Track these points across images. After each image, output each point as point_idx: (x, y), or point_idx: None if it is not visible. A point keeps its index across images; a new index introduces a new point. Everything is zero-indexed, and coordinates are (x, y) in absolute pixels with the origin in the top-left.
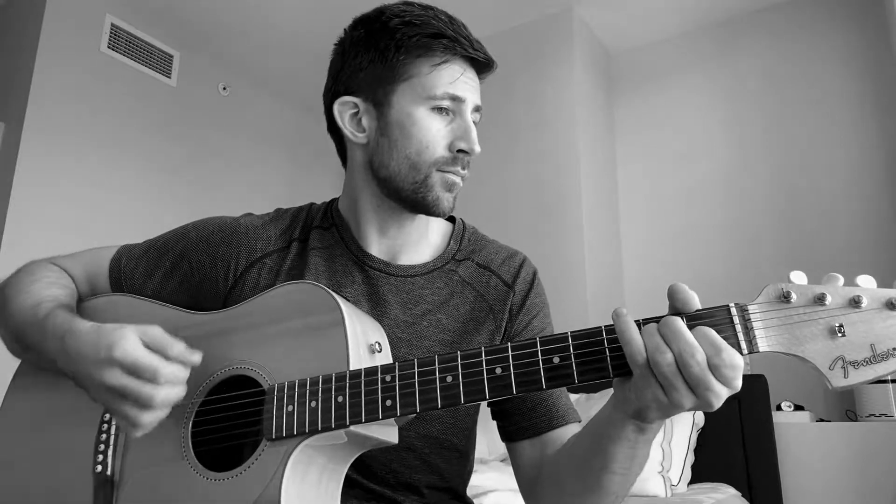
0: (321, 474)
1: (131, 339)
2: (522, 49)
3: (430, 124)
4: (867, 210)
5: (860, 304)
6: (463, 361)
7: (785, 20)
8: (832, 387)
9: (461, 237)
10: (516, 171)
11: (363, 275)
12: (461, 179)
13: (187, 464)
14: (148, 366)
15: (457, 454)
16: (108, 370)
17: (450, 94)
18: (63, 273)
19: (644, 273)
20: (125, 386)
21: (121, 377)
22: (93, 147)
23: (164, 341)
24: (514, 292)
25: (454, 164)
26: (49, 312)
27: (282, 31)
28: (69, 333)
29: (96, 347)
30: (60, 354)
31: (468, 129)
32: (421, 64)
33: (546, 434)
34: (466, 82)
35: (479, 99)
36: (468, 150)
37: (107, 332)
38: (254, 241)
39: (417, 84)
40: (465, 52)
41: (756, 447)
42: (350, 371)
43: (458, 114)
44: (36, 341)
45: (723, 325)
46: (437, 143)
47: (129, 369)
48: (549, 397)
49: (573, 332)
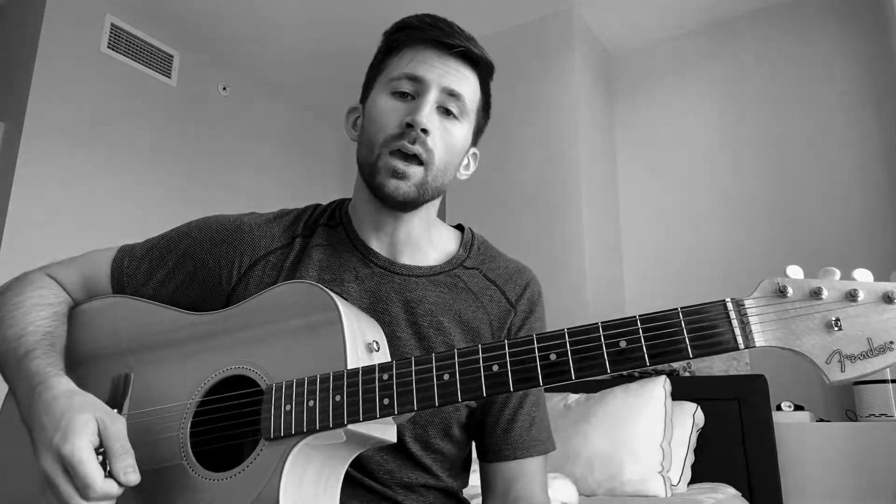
0: (320, 473)
1: (85, 439)
2: (522, 49)
3: (386, 105)
4: (865, 208)
5: (857, 298)
6: (460, 359)
7: (785, 20)
8: (829, 381)
9: (470, 245)
10: (516, 170)
11: (368, 270)
12: (419, 165)
13: (186, 464)
14: (83, 477)
15: (453, 455)
16: (50, 459)
17: (406, 73)
18: (52, 286)
19: (644, 272)
20: (54, 482)
21: (56, 471)
22: (93, 147)
23: (116, 450)
24: (516, 312)
25: (400, 138)
26: (29, 351)
27: (282, 32)
28: (42, 389)
29: (54, 427)
30: (25, 405)
31: (420, 104)
32: (391, 57)
33: (511, 462)
34: (429, 63)
35: (455, 84)
36: (411, 123)
37: (71, 413)
38: (257, 239)
39: (385, 74)
40: (423, 35)
41: (756, 447)
42: (348, 370)
43: (419, 94)
44: (11, 378)
45: (719, 320)
46: (389, 122)
47: (68, 469)
48: (519, 426)
49: (570, 329)
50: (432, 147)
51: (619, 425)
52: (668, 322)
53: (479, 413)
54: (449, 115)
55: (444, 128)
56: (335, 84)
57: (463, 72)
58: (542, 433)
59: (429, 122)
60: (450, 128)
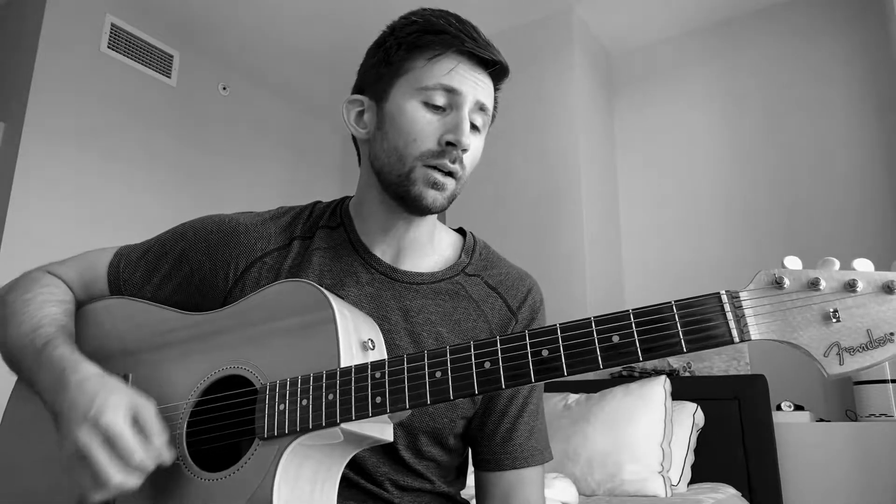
0: (316, 473)
1: (121, 412)
2: (522, 49)
3: (419, 116)
4: (868, 206)
5: (856, 288)
6: (452, 356)
7: (785, 20)
8: (827, 374)
9: (472, 251)
10: (516, 170)
11: (369, 276)
12: (453, 179)
13: (182, 464)
14: (125, 447)
15: (449, 458)
16: (87, 430)
17: (443, 84)
18: (59, 284)
19: (644, 271)
20: (93, 456)
21: (94, 444)
22: (93, 147)
23: (152, 427)
24: (517, 321)
25: (440, 156)
26: (48, 341)
27: (282, 31)
28: (69, 371)
29: (88, 400)
30: (51, 390)
31: (460, 122)
32: (417, 58)
33: (509, 472)
34: (464, 75)
35: (485, 97)
36: (454, 143)
37: (105, 388)
38: (253, 240)
39: (412, 77)
40: (462, 47)
41: (756, 447)
42: (341, 368)
43: (455, 107)
44: (29, 369)
45: (713, 313)
46: (426, 136)
47: (108, 440)
48: (518, 435)
49: (562, 324)
50: (467, 163)
51: (619, 425)
52: (662, 316)
53: (476, 422)
54: (474, 128)
55: (471, 142)
56: (335, 84)
57: (489, 84)
58: (540, 443)
59: (470, 140)
60: (475, 142)
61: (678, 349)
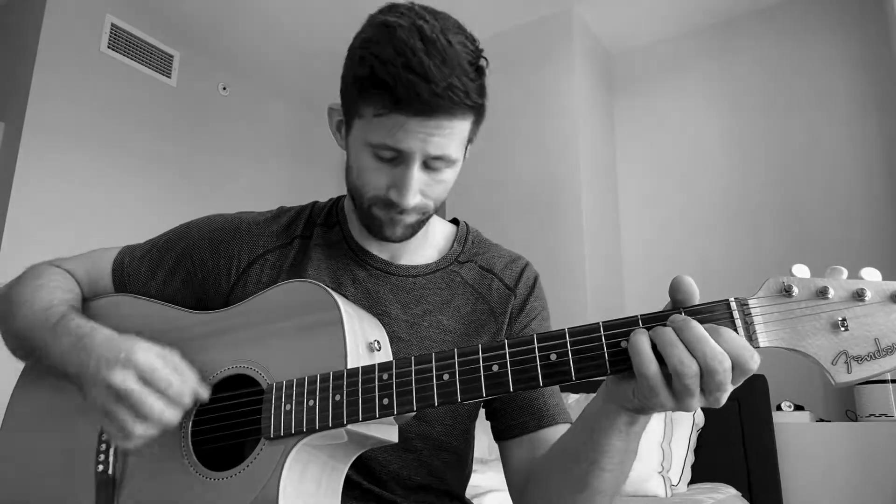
0: (321, 473)
1: (153, 350)
2: (522, 49)
3: (369, 164)
4: (869, 206)
5: (864, 298)
6: (460, 359)
7: (785, 20)
8: (835, 383)
9: (464, 240)
10: (517, 170)
11: (365, 273)
12: (415, 213)
13: (187, 463)
14: (163, 377)
15: (455, 455)
16: (120, 371)
17: (387, 145)
18: (67, 276)
19: (644, 271)
20: (131, 391)
21: (130, 380)
22: (93, 147)
23: (183, 366)
24: (516, 295)
25: (389, 208)
26: (63, 316)
27: (282, 31)
28: (89, 335)
29: (116, 348)
30: (72, 353)
31: (402, 181)
32: (365, 107)
33: (535, 433)
34: (410, 132)
35: (437, 149)
36: (396, 203)
37: (131, 338)
38: (256, 237)
39: (363, 125)
40: (402, 107)
41: (756, 447)
42: (348, 369)
43: (402, 163)
44: (43, 345)
45: (722, 319)
46: (375, 184)
47: (144, 375)
48: (539, 396)
49: (570, 329)
50: (424, 203)
51: None
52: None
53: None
54: (433, 170)
55: (433, 180)
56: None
57: (448, 126)
58: (561, 403)
59: (414, 199)
60: (439, 178)
61: None
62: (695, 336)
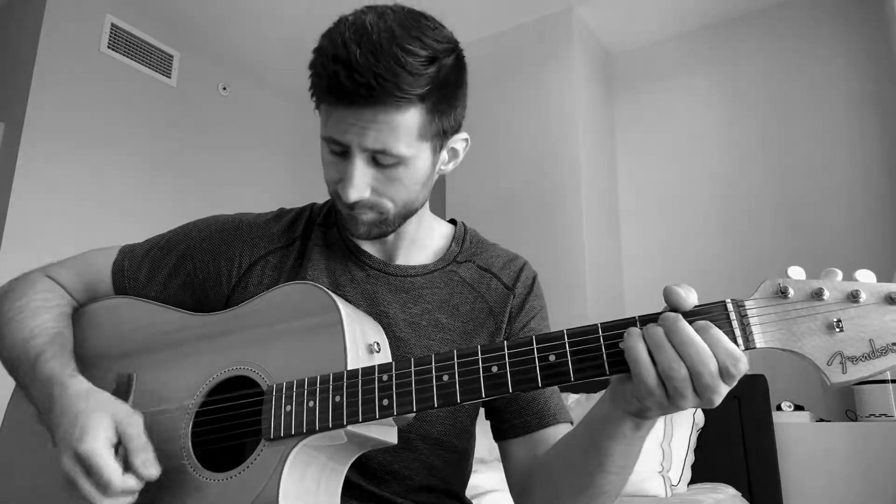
0: (321, 474)
1: (101, 437)
2: (522, 49)
3: (325, 159)
4: (869, 206)
5: (858, 299)
6: (459, 360)
7: (785, 20)
8: (830, 383)
9: (462, 240)
10: (516, 170)
11: (363, 273)
12: (371, 211)
13: (187, 464)
14: (101, 475)
15: (456, 455)
16: (69, 459)
17: (330, 137)
18: (55, 288)
19: (643, 271)
20: (76, 482)
21: (76, 471)
22: (93, 147)
23: (133, 445)
24: (514, 295)
25: (343, 204)
26: (40, 353)
27: (282, 31)
28: (60, 390)
29: (71, 426)
30: (44, 408)
31: (344, 175)
32: (316, 99)
33: (537, 433)
34: (342, 124)
35: (374, 144)
36: (342, 197)
37: (87, 414)
38: (256, 239)
39: (320, 120)
40: (332, 102)
41: (756, 447)
42: (348, 371)
43: (348, 156)
44: (24, 379)
45: (719, 321)
46: (329, 180)
47: (86, 469)
48: (539, 396)
49: (569, 330)
50: (377, 200)
51: None
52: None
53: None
54: (382, 166)
55: (386, 178)
56: None
57: (384, 120)
58: (561, 402)
59: (360, 193)
60: (392, 175)
61: None
62: (682, 339)
